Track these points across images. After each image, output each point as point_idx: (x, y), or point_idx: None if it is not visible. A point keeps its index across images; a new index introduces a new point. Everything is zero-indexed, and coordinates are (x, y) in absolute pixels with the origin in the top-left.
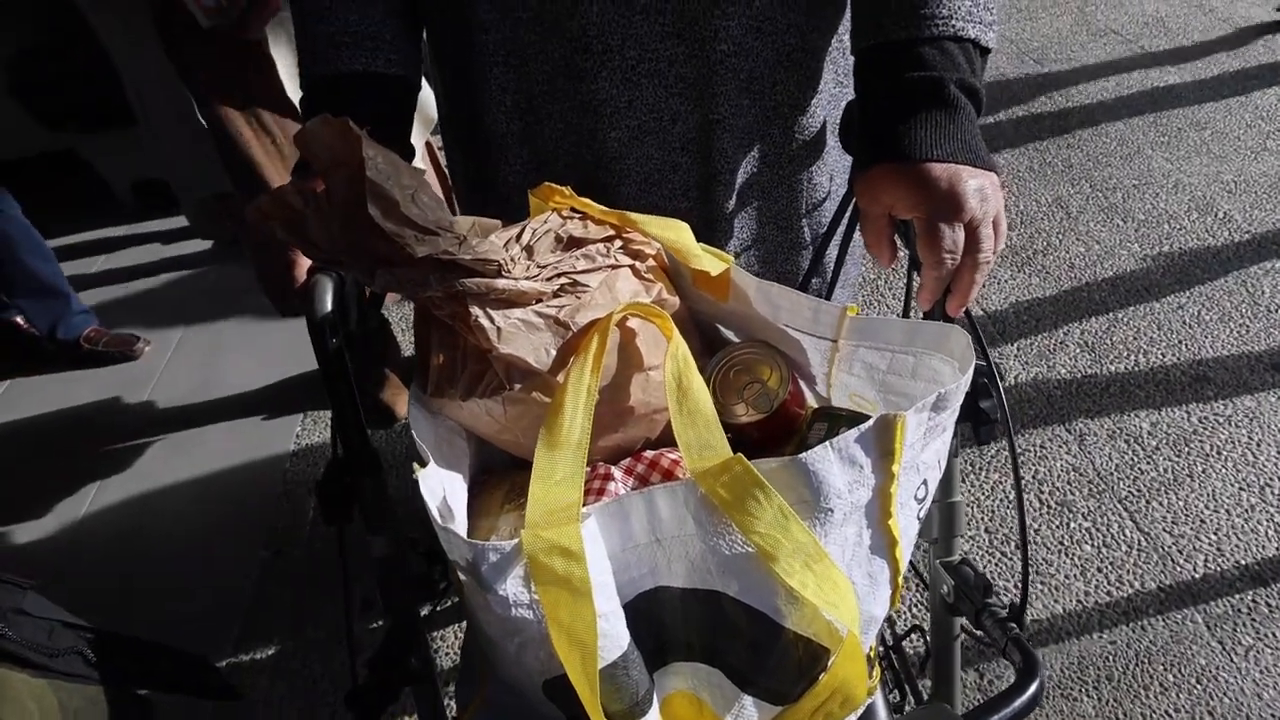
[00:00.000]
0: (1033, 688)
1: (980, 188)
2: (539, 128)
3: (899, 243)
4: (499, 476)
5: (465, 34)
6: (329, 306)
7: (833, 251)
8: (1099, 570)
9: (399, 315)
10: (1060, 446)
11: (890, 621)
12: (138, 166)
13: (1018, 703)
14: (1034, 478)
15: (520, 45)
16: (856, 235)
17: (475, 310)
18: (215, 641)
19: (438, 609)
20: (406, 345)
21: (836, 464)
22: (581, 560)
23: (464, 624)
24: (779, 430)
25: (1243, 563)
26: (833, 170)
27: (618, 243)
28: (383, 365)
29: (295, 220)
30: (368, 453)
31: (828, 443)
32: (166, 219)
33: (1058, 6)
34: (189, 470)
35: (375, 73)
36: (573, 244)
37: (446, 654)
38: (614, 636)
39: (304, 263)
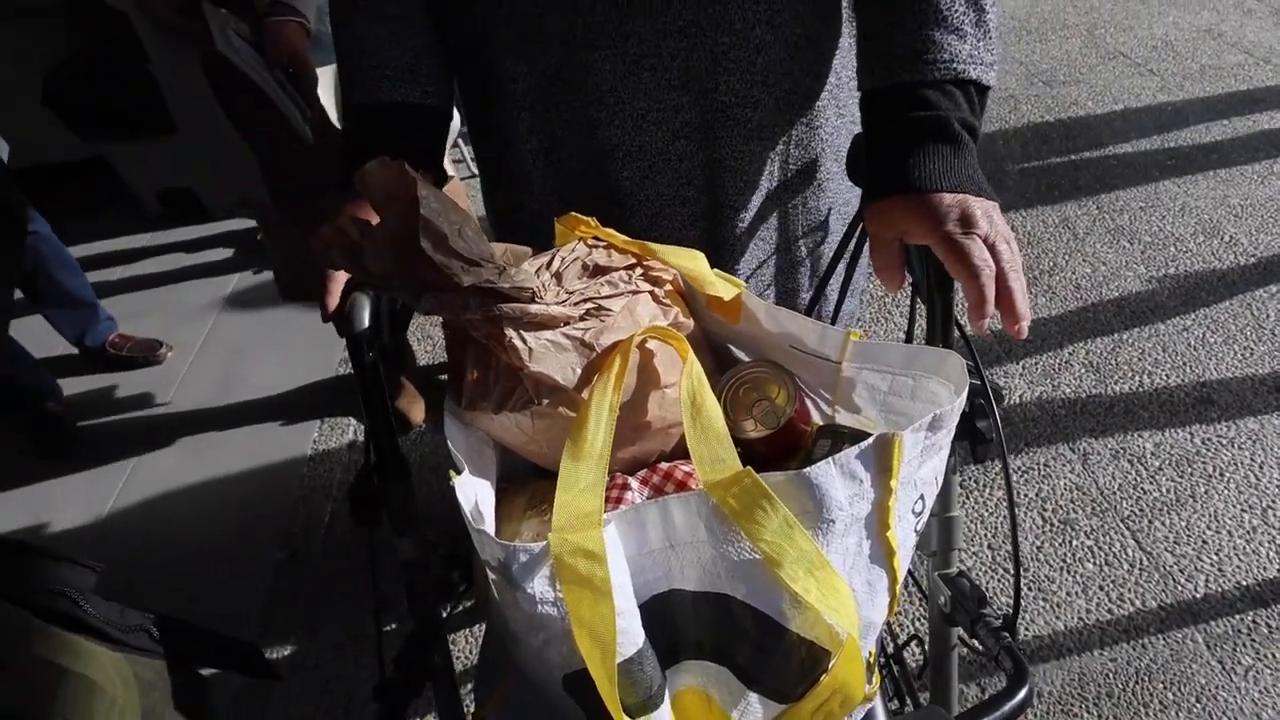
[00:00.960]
0: (1022, 693)
1: (987, 212)
2: (559, 166)
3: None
4: (520, 484)
5: (495, 83)
6: (366, 323)
7: (840, 273)
8: (1100, 588)
9: (413, 326)
10: (1064, 465)
11: (893, 636)
12: (166, 175)
13: (1007, 707)
14: (1037, 495)
15: (543, 95)
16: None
17: (509, 332)
18: None
19: (452, 613)
20: (422, 355)
21: (838, 478)
22: (603, 562)
23: (475, 629)
24: (785, 446)
25: (1244, 583)
26: (833, 198)
27: (638, 270)
28: (399, 374)
29: (352, 249)
30: (397, 460)
31: (830, 458)
32: (191, 227)
33: (1067, 29)
34: (208, 473)
35: (413, 104)
36: (598, 271)
37: (458, 657)
38: (631, 634)
39: (336, 286)
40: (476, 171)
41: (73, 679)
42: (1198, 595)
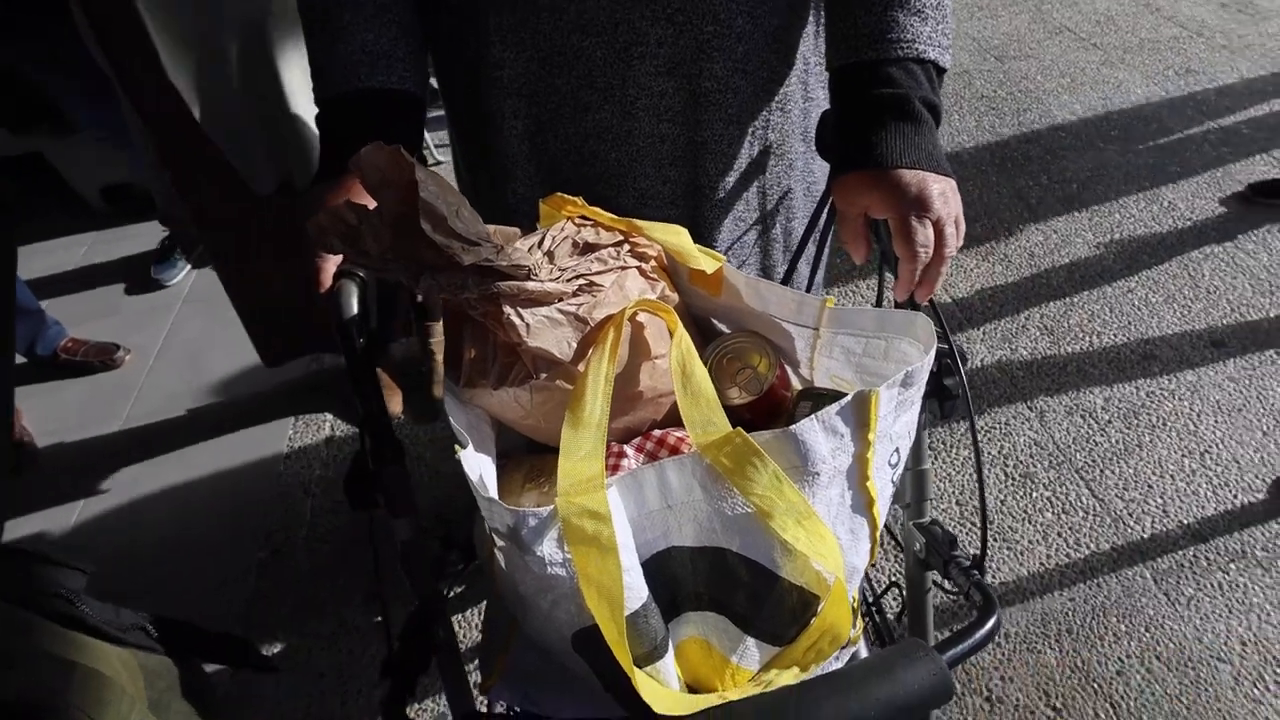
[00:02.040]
0: (991, 621)
1: (942, 191)
2: (546, 149)
3: (872, 240)
4: (516, 461)
5: (479, 69)
6: (355, 309)
7: (811, 247)
8: (1058, 535)
9: None
10: (1023, 423)
11: (873, 586)
12: (107, 171)
13: (979, 634)
14: (999, 452)
15: (531, 80)
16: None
17: (507, 309)
18: None
19: (448, 595)
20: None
21: (821, 434)
22: (608, 521)
23: (467, 613)
24: (769, 410)
25: (1185, 522)
26: (801, 175)
27: (626, 247)
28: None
29: (351, 233)
30: (392, 443)
31: (813, 415)
32: (142, 224)
33: (1016, 4)
34: (179, 476)
35: (390, 89)
36: (587, 249)
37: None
38: (635, 589)
39: (329, 267)
40: (440, 159)
41: (82, 671)
42: (1145, 536)
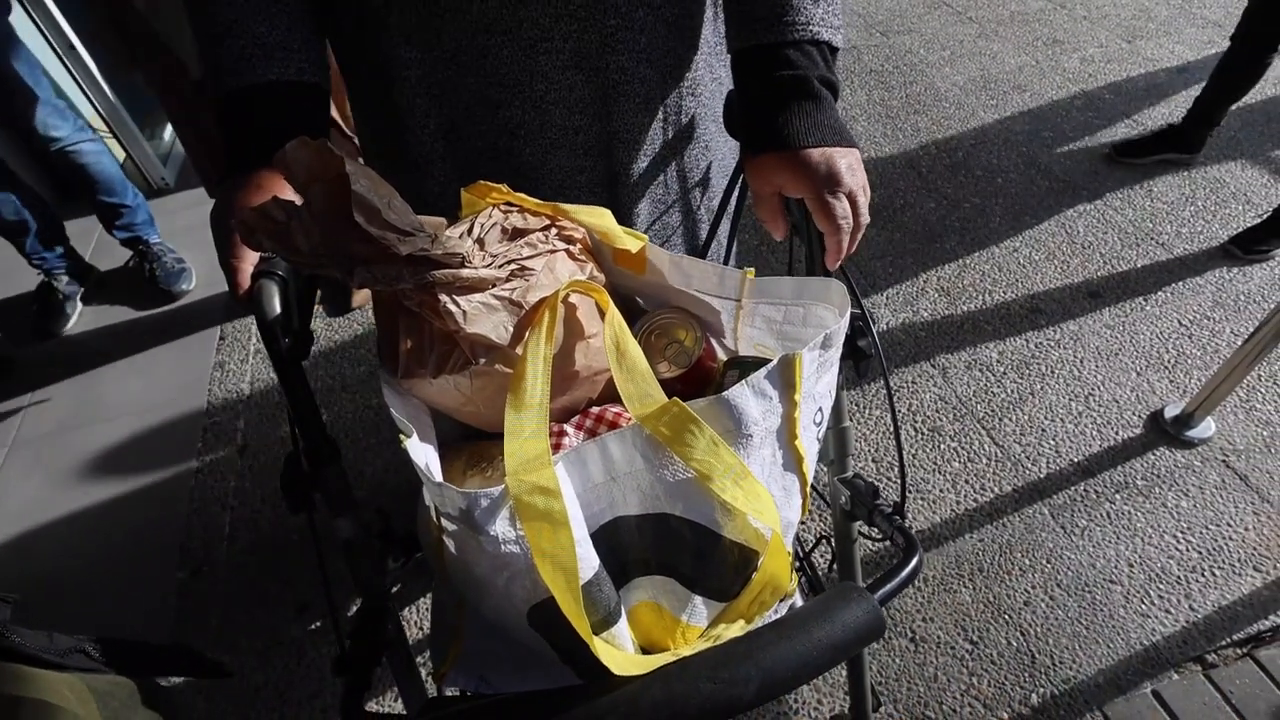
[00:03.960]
0: (914, 561)
1: (849, 164)
2: (460, 146)
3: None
4: (455, 450)
5: (385, 69)
6: (278, 309)
7: (725, 222)
8: (966, 482)
9: None
10: (928, 380)
11: (801, 543)
12: None
13: (905, 572)
14: (908, 410)
15: (440, 80)
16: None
17: (443, 297)
18: None
19: (392, 591)
20: None
21: (752, 398)
22: (559, 496)
23: (403, 612)
24: (698, 381)
25: (1075, 460)
26: (714, 154)
27: (553, 230)
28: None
29: (279, 231)
30: (326, 442)
31: (743, 381)
32: None
33: None
34: (82, 500)
35: (289, 81)
36: (516, 234)
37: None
38: (587, 559)
39: (246, 268)
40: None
41: (29, 705)
42: (1041, 476)
